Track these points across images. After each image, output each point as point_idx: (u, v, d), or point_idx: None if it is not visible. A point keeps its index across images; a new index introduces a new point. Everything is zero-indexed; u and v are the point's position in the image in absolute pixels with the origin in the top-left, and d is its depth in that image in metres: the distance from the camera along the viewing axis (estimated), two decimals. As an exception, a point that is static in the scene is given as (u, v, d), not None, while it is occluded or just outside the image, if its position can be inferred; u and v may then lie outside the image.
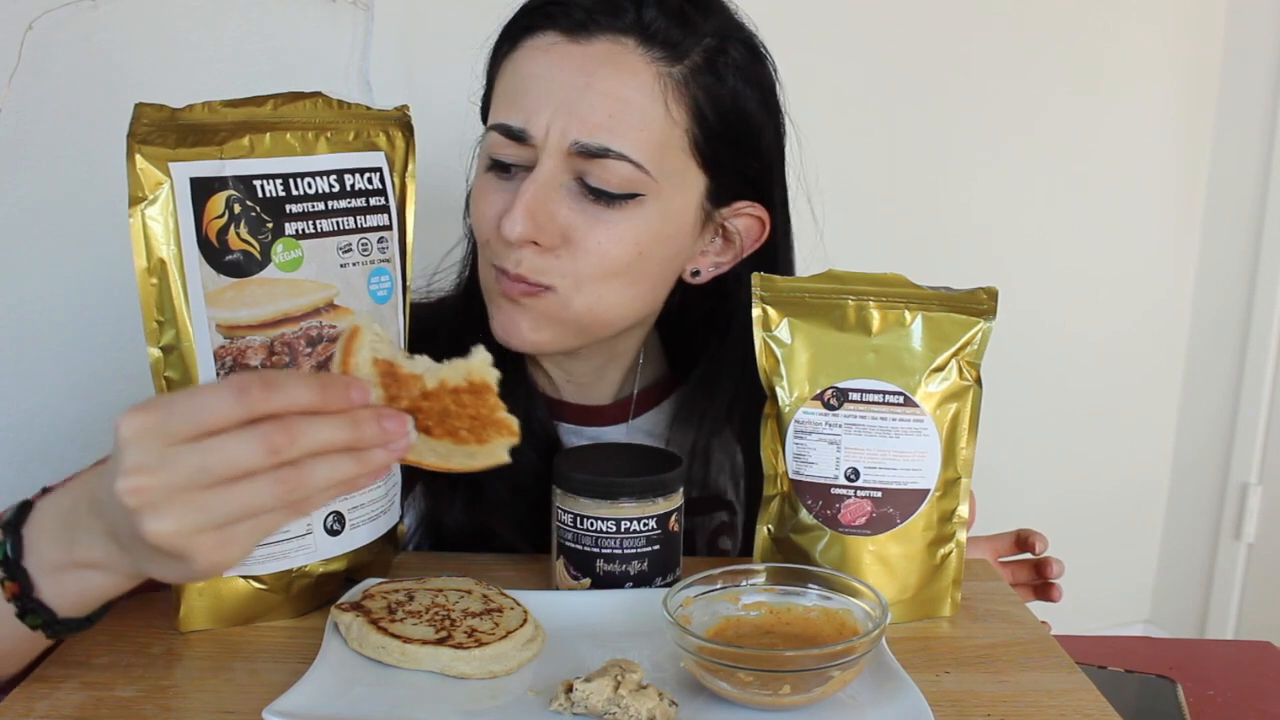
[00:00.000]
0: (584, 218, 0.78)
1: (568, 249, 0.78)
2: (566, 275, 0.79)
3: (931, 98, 1.89)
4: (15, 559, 0.58)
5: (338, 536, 0.72)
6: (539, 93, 0.77)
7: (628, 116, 0.76)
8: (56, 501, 0.59)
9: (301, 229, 0.68)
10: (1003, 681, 0.68)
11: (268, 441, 0.51)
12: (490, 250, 0.81)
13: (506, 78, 0.80)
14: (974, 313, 0.76)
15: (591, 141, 0.76)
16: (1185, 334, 2.23)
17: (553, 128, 0.76)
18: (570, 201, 0.78)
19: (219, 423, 0.50)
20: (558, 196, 0.78)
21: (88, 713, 0.60)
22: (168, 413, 0.51)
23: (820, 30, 1.77)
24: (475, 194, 0.83)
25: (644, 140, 0.77)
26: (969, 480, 0.77)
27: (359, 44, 1.42)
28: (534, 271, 0.78)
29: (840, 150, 1.83)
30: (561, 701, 0.60)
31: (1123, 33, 2.02)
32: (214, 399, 0.51)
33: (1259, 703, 0.83)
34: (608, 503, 0.73)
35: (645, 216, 0.79)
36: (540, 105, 0.76)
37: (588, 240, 0.78)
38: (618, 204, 0.78)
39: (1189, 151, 2.15)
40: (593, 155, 0.76)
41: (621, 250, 0.79)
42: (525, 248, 0.78)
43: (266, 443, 0.51)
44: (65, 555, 0.58)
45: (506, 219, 0.76)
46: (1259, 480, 2.10)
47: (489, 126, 0.81)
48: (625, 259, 0.79)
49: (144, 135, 0.64)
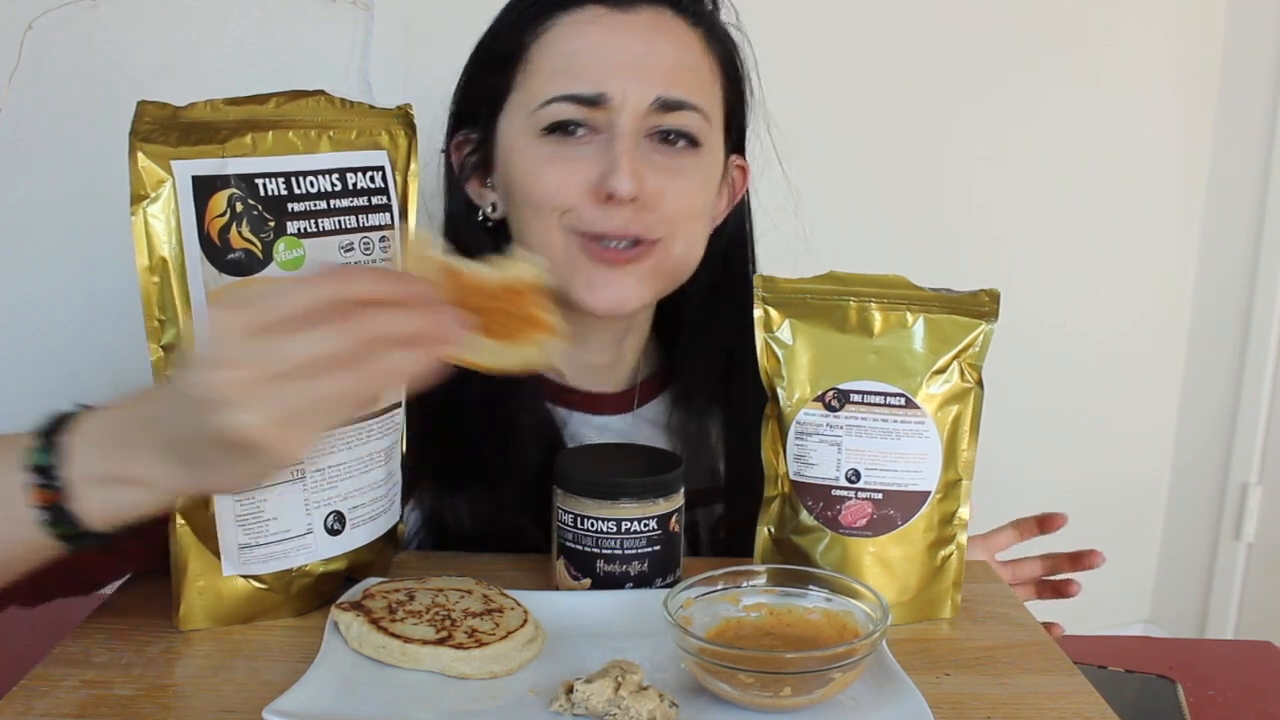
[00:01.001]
0: (664, 171, 0.83)
1: (659, 201, 0.83)
2: (664, 225, 0.84)
3: (932, 96, 1.89)
4: (53, 467, 0.58)
5: (338, 536, 0.72)
6: (606, 60, 0.82)
7: (690, 73, 0.84)
8: (104, 417, 0.59)
9: (303, 228, 0.68)
10: (1003, 683, 0.68)
11: (350, 331, 0.52)
12: (571, 216, 0.83)
13: (549, 54, 0.83)
14: (975, 314, 0.76)
15: (670, 96, 0.82)
16: (1185, 334, 2.23)
17: (629, 89, 0.81)
18: (650, 156, 0.83)
19: (301, 313, 0.51)
20: (641, 153, 0.82)
21: (87, 711, 0.60)
22: (248, 307, 0.52)
23: (821, 28, 1.77)
24: (537, 164, 0.83)
25: (704, 93, 0.86)
26: (970, 482, 0.77)
27: (359, 44, 1.42)
28: (645, 228, 0.82)
29: (841, 150, 1.83)
30: (562, 702, 0.60)
31: (1123, 32, 2.02)
32: (296, 290, 0.52)
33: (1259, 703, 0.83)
34: (608, 503, 0.73)
35: (705, 163, 0.87)
36: (611, 71, 0.81)
37: (672, 190, 0.83)
38: (688, 154, 0.85)
39: (1189, 150, 2.15)
40: (671, 109, 0.82)
41: (697, 195, 0.86)
42: (627, 205, 0.81)
43: (349, 332, 0.52)
44: (111, 469, 0.57)
45: (615, 178, 0.80)
46: (1259, 480, 2.10)
47: (548, 100, 0.82)
48: (700, 203, 0.87)
49: (146, 133, 0.64)
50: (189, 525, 0.68)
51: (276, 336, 0.51)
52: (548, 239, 0.84)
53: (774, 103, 1.36)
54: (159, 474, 0.57)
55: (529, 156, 0.84)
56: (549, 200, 0.83)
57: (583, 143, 0.83)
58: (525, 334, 0.61)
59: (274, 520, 0.70)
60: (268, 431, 0.52)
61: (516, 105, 0.85)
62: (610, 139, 0.82)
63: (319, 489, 0.71)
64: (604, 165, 0.81)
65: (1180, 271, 2.21)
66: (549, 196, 0.83)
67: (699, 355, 0.95)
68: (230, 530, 0.68)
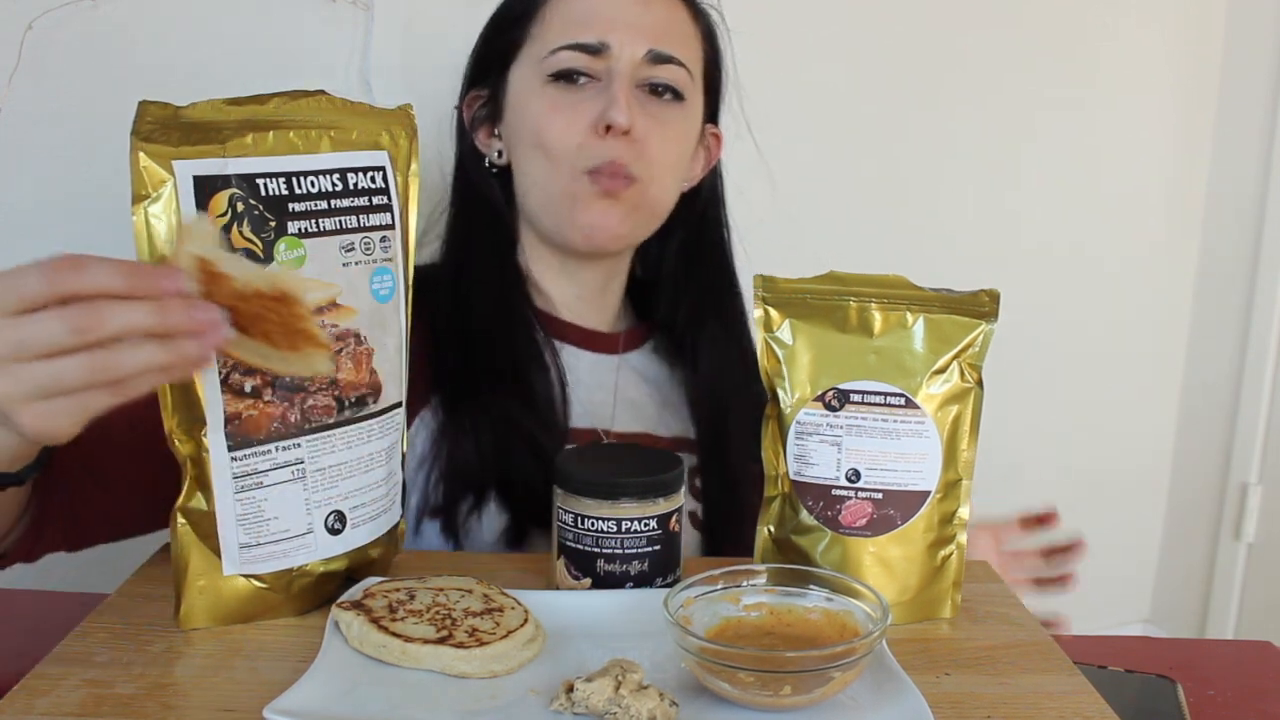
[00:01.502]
0: (650, 117, 0.94)
1: (643, 144, 0.94)
2: (644, 166, 0.94)
3: (931, 96, 1.89)
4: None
5: (338, 535, 0.73)
6: (608, 16, 0.94)
7: (680, 35, 0.97)
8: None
9: (304, 228, 0.68)
10: (1003, 683, 0.68)
11: (73, 322, 0.54)
12: (582, 154, 0.93)
13: (559, 12, 0.95)
14: (975, 315, 0.76)
15: (662, 49, 0.94)
16: (1185, 334, 2.23)
17: (626, 41, 0.93)
18: (642, 102, 0.95)
19: (30, 302, 0.54)
20: (634, 98, 0.94)
21: (88, 710, 0.60)
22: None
23: (820, 28, 1.77)
24: (544, 109, 0.94)
25: (689, 54, 0.98)
26: (970, 482, 0.77)
27: (359, 44, 1.42)
28: (630, 162, 0.93)
29: (840, 150, 1.83)
30: (562, 701, 0.60)
31: (1122, 31, 2.02)
32: (25, 279, 0.54)
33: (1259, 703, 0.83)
34: (609, 503, 0.73)
35: (685, 118, 0.98)
36: (613, 25, 0.93)
37: (654, 135, 0.94)
38: (671, 105, 0.96)
39: (1189, 151, 2.15)
40: (661, 61, 0.94)
41: (676, 146, 0.98)
42: (620, 139, 0.92)
43: (72, 323, 0.54)
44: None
45: (613, 110, 0.91)
46: (1259, 480, 2.10)
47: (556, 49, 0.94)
48: (678, 152, 0.98)
49: (147, 133, 0.64)
50: (190, 525, 0.68)
51: (11, 321, 0.54)
52: (552, 177, 0.95)
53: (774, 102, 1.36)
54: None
55: (537, 102, 0.95)
56: (558, 142, 0.94)
57: (584, 89, 0.94)
58: (292, 342, 0.62)
59: (274, 520, 0.70)
60: (13, 406, 0.56)
61: (527, 57, 0.97)
62: (608, 83, 0.93)
63: (319, 488, 0.71)
64: (603, 103, 0.92)
65: (1180, 271, 2.21)
66: (557, 138, 0.94)
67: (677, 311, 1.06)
68: (231, 530, 0.69)
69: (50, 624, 0.74)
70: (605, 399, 1.01)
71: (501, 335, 0.97)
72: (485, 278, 0.99)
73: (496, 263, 1.00)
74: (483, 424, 0.93)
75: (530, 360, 0.97)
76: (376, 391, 0.73)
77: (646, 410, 1.03)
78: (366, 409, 0.72)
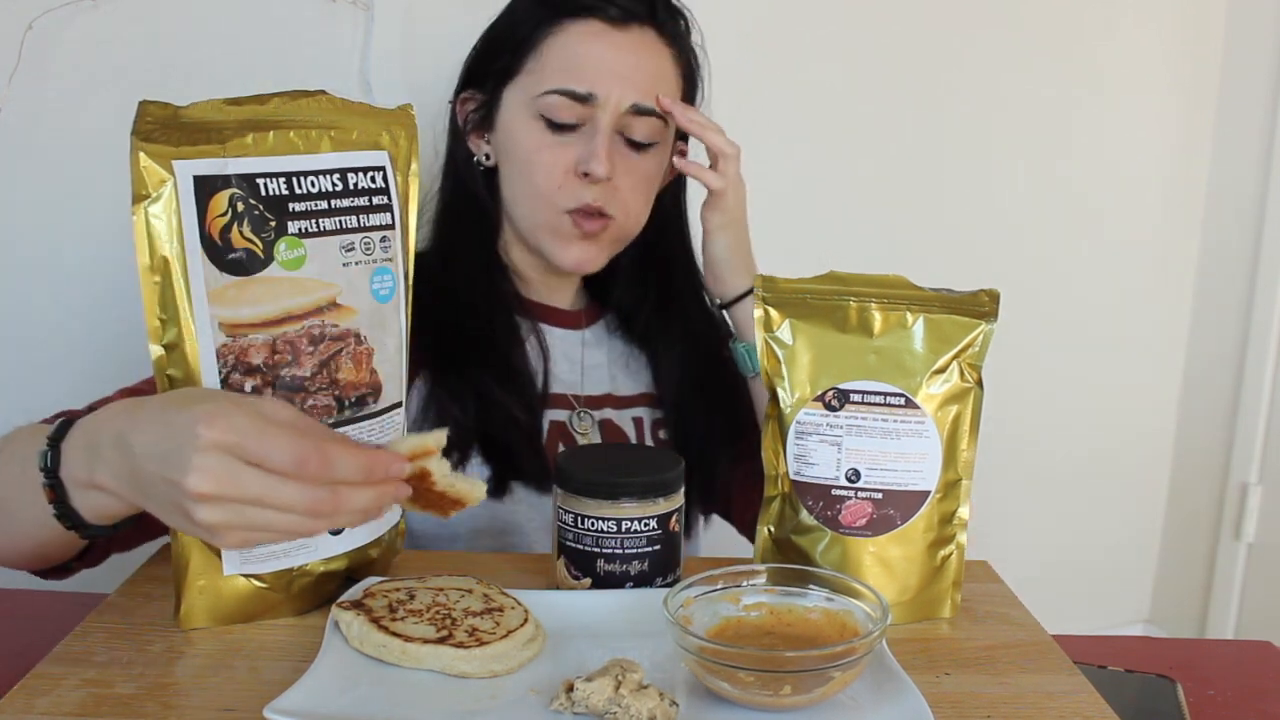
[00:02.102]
0: (625, 163, 1.02)
1: (618, 187, 1.02)
2: (619, 206, 1.02)
3: (930, 96, 1.88)
4: (53, 469, 0.67)
5: (339, 535, 0.73)
6: (599, 68, 1.00)
7: (662, 86, 1.03)
8: (85, 427, 0.67)
9: (304, 227, 0.68)
10: (1003, 683, 0.68)
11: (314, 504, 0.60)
12: (564, 194, 1.01)
13: (555, 52, 1.01)
14: (975, 315, 0.76)
15: (645, 104, 1.01)
16: (1185, 334, 2.23)
17: (612, 93, 0.99)
18: (621, 149, 1.02)
19: (278, 469, 0.59)
20: (614, 145, 1.01)
21: (88, 710, 0.60)
22: (243, 440, 0.59)
23: (819, 29, 1.77)
24: (532, 150, 1.02)
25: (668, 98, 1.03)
26: (970, 482, 0.77)
27: (359, 44, 1.42)
28: (606, 204, 1.01)
29: (839, 150, 1.83)
30: (562, 701, 0.60)
31: (1121, 31, 2.02)
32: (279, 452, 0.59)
33: (1259, 703, 0.83)
34: (609, 503, 0.73)
35: (658, 158, 1.06)
36: (601, 77, 0.99)
37: (629, 178, 1.03)
38: (646, 151, 1.03)
39: (1189, 151, 2.15)
40: (642, 113, 1.01)
41: (648, 185, 1.06)
42: (600, 184, 1.00)
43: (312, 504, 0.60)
44: (86, 475, 0.65)
45: (595, 162, 0.99)
46: (1259, 480, 2.09)
47: (549, 90, 1.00)
48: (649, 190, 1.07)
49: (148, 133, 0.65)
50: (190, 524, 0.68)
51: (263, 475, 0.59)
52: (541, 207, 1.03)
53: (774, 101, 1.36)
54: (121, 490, 0.64)
55: (526, 135, 1.02)
56: (543, 180, 1.02)
57: (569, 133, 1.01)
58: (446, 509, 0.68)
59: (275, 519, 0.70)
60: (223, 530, 0.61)
61: (521, 85, 1.02)
62: (593, 132, 1.00)
63: (320, 488, 0.71)
64: (585, 151, 1.00)
65: (1180, 270, 2.21)
66: (543, 177, 1.01)
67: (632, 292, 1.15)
68: (231, 529, 0.69)
69: (50, 624, 0.74)
70: (573, 368, 1.11)
71: (485, 318, 1.06)
72: (471, 268, 1.07)
73: (482, 254, 1.09)
74: (467, 395, 1.01)
75: (510, 339, 1.07)
76: (376, 391, 0.73)
77: (608, 374, 1.13)
78: (366, 409, 0.72)
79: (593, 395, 1.11)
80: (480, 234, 1.09)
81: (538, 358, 1.08)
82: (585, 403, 1.09)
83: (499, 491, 0.99)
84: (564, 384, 1.09)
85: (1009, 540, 1.67)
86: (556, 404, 1.07)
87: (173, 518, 0.62)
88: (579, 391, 1.10)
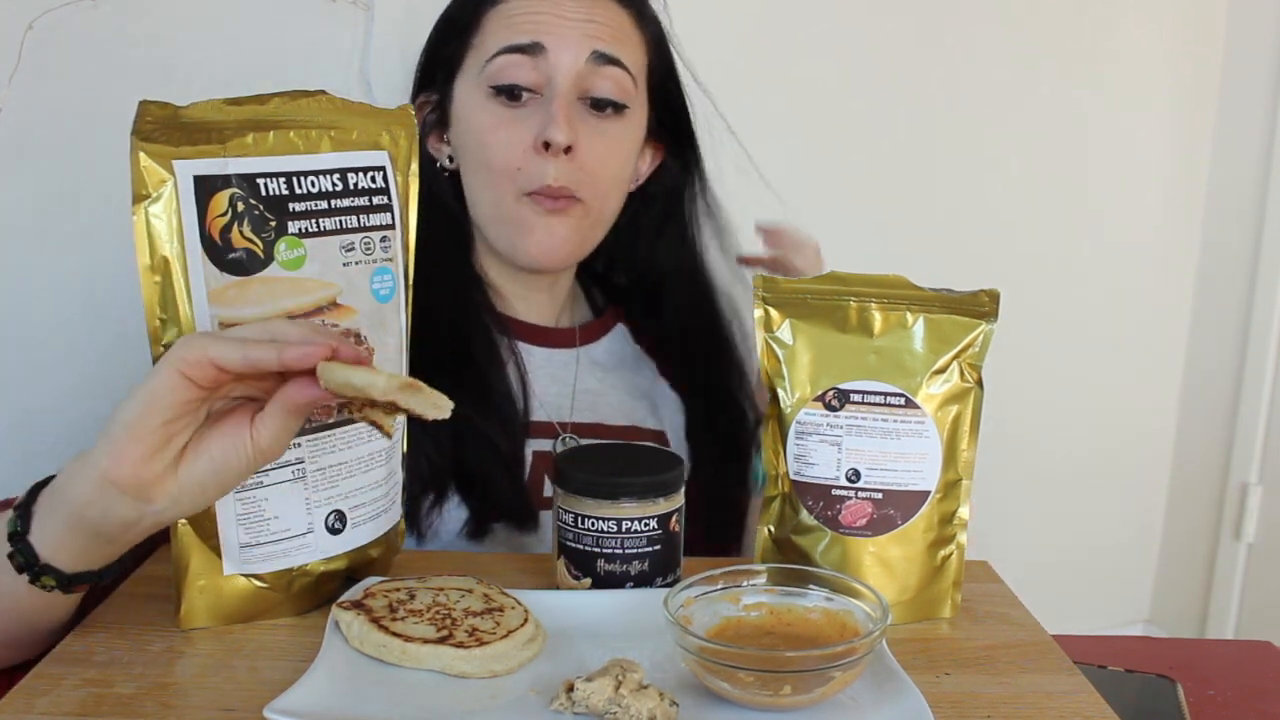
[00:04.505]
0: (591, 132, 0.93)
1: (583, 160, 0.92)
2: (587, 183, 0.93)
3: (928, 95, 1.89)
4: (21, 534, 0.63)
5: (339, 535, 0.73)
6: (547, 18, 0.91)
7: (624, 39, 0.94)
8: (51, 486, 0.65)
9: (304, 227, 0.68)
10: (1003, 683, 0.68)
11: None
12: (523, 175, 0.92)
13: (497, 21, 0.93)
14: (975, 315, 0.76)
15: (607, 50, 0.92)
16: (1185, 334, 2.23)
17: (567, 44, 0.91)
18: (581, 117, 0.93)
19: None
20: (574, 112, 0.92)
21: (88, 709, 0.60)
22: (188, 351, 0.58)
23: (812, 26, 1.77)
24: (486, 130, 0.93)
25: (634, 59, 0.96)
26: (970, 482, 0.77)
27: (359, 44, 1.42)
28: (572, 184, 0.92)
29: (839, 150, 1.83)
30: (562, 701, 0.60)
31: (1121, 30, 2.02)
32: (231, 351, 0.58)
33: (1259, 703, 0.83)
34: (609, 503, 0.73)
35: (627, 128, 0.96)
36: (551, 26, 0.91)
37: (595, 151, 0.93)
38: (614, 115, 0.94)
39: (1189, 151, 2.15)
40: (606, 62, 0.92)
41: (617, 158, 0.96)
42: (560, 158, 0.91)
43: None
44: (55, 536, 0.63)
45: (552, 128, 0.89)
46: (1259, 480, 2.10)
47: (497, 51, 0.92)
48: (619, 165, 0.97)
49: (148, 133, 0.65)
50: (190, 525, 0.68)
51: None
52: (499, 195, 0.95)
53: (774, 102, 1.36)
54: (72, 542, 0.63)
55: (479, 116, 0.94)
56: (500, 161, 0.93)
57: (525, 105, 0.93)
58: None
59: (275, 519, 0.70)
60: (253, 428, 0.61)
61: (469, 68, 0.96)
62: (549, 99, 0.92)
63: (320, 488, 0.71)
64: (543, 119, 0.91)
65: (1180, 270, 2.21)
66: (499, 157, 0.93)
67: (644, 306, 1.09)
68: (231, 529, 0.69)
69: (50, 624, 0.74)
70: (562, 391, 1.02)
71: (459, 338, 0.96)
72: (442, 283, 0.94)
73: (454, 267, 1.00)
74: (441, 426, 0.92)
75: (489, 360, 0.97)
76: (377, 391, 0.73)
77: (604, 399, 1.04)
78: None
79: (582, 423, 1.01)
80: (451, 245, 1.00)
81: (518, 382, 0.98)
82: (573, 429, 1.00)
83: (478, 534, 0.92)
84: (549, 409, 1.00)
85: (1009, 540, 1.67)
86: (539, 432, 0.99)
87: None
88: (567, 418, 1.01)
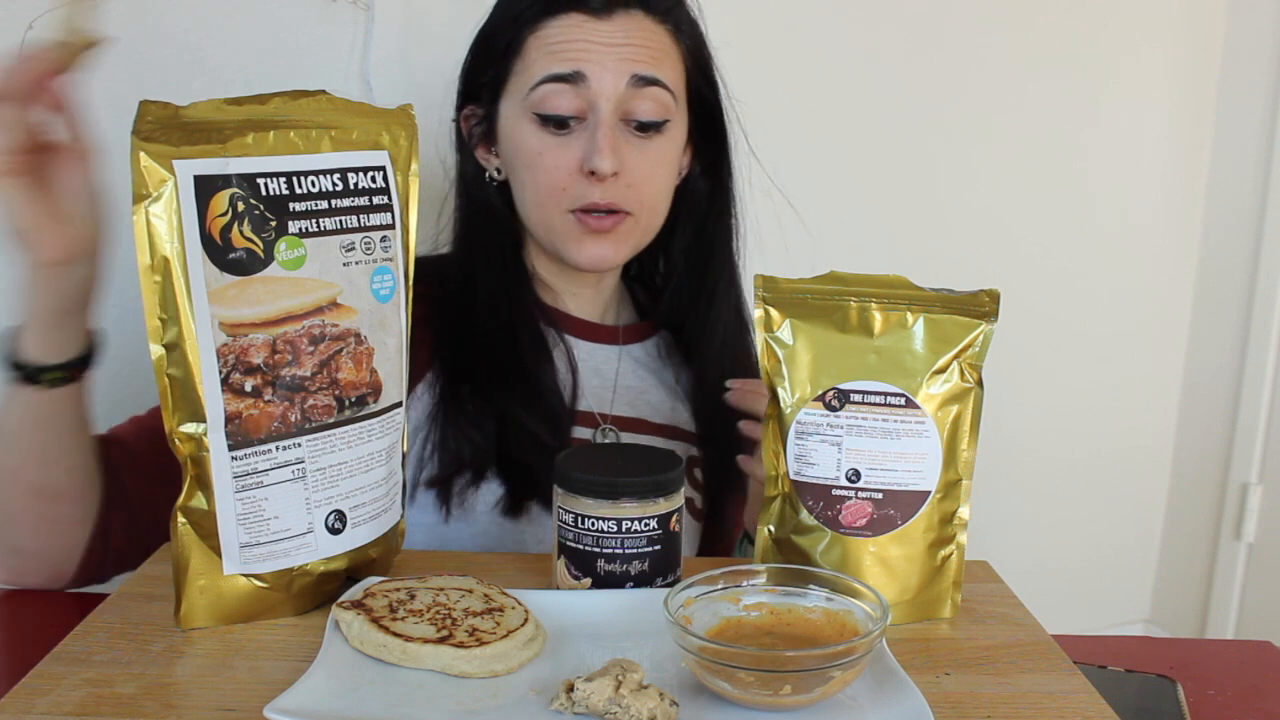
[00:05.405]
0: (634, 153, 0.97)
1: (631, 180, 0.97)
2: (634, 201, 0.98)
3: (929, 95, 1.89)
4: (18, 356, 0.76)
5: (339, 535, 0.73)
6: (584, 49, 0.95)
7: (663, 56, 0.97)
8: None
9: (305, 227, 0.68)
10: (1003, 683, 0.68)
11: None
12: (569, 195, 0.97)
13: (539, 47, 0.97)
14: (976, 315, 0.76)
15: (647, 72, 0.95)
16: (1185, 334, 2.23)
17: (606, 71, 0.94)
18: (625, 139, 0.97)
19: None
20: (617, 136, 0.96)
21: (88, 709, 0.60)
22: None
23: (818, 29, 1.78)
24: (533, 154, 0.98)
25: (673, 75, 0.99)
26: (970, 482, 0.77)
27: (359, 44, 1.42)
28: (620, 200, 0.97)
29: (839, 150, 1.84)
30: (562, 701, 0.60)
31: (1121, 31, 2.02)
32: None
33: (1259, 703, 0.83)
34: (609, 503, 0.73)
35: (670, 143, 1.00)
36: (588, 55, 0.94)
37: (641, 169, 0.98)
38: (656, 134, 0.98)
39: (1189, 151, 2.15)
40: (646, 84, 0.95)
41: (663, 172, 1.01)
42: (607, 180, 0.96)
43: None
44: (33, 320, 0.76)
45: (598, 157, 0.94)
46: (1259, 480, 2.10)
47: (536, 83, 0.96)
48: (664, 179, 1.01)
49: (148, 133, 0.65)
50: (190, 524, 0.68)
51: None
52: (548, 212, 0.99)
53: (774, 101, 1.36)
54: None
55: (526, 141, 0.98)
56: (548, 186, 0.98)
57: (571, 133, 0.97)
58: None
59: (275, 519, 0.70)
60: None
61: (513, 91, 1.00)
62: (594, 125, 0.95)
63: (320, 488, 0.71)
64: (588, 146, 0.95)
65: (1180, 271, 2.21)
66: (545, 180, 0.98)
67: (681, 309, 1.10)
68: (231, 529, 0.69)
69: (49, 624, 0.74)
70: (603, 384, 1.06)
71: (508, 331, 1.01)
72: (492, 279, 1.03)
73: (502, 264, 1.04)
74: (486, 413, 0.98)
75: (538, 352, 1.02)
76: (377, 391, 0.73)
77: (645, 398, 1.08)
78: (367, 409, 0.72)
79: (623, 416, 1.06)
80: (500, 245, 1.04)
81: (566, 371, 1.03)
82: (613, 422, 1.05)
83: (514, 511, 0.97)
84: (592, 399, 1.05)
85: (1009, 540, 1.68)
86: (581, 421, 1.03)
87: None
88: (608, 410, 1.05)
